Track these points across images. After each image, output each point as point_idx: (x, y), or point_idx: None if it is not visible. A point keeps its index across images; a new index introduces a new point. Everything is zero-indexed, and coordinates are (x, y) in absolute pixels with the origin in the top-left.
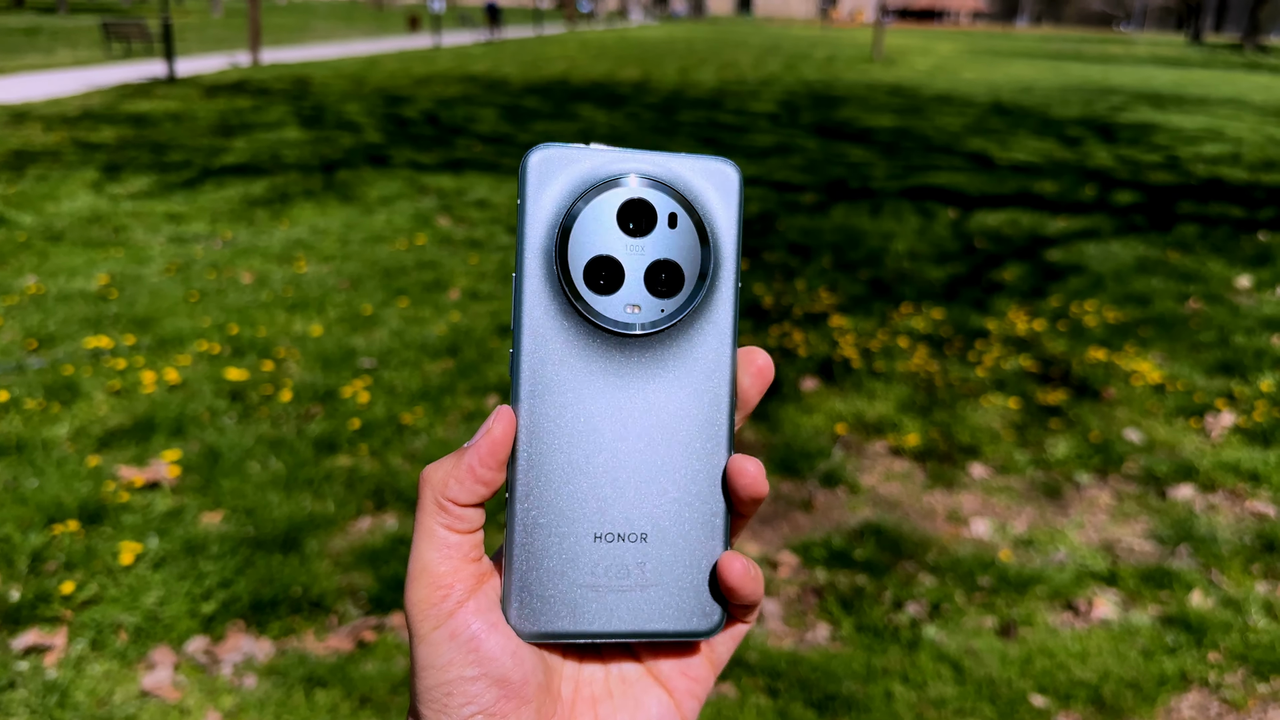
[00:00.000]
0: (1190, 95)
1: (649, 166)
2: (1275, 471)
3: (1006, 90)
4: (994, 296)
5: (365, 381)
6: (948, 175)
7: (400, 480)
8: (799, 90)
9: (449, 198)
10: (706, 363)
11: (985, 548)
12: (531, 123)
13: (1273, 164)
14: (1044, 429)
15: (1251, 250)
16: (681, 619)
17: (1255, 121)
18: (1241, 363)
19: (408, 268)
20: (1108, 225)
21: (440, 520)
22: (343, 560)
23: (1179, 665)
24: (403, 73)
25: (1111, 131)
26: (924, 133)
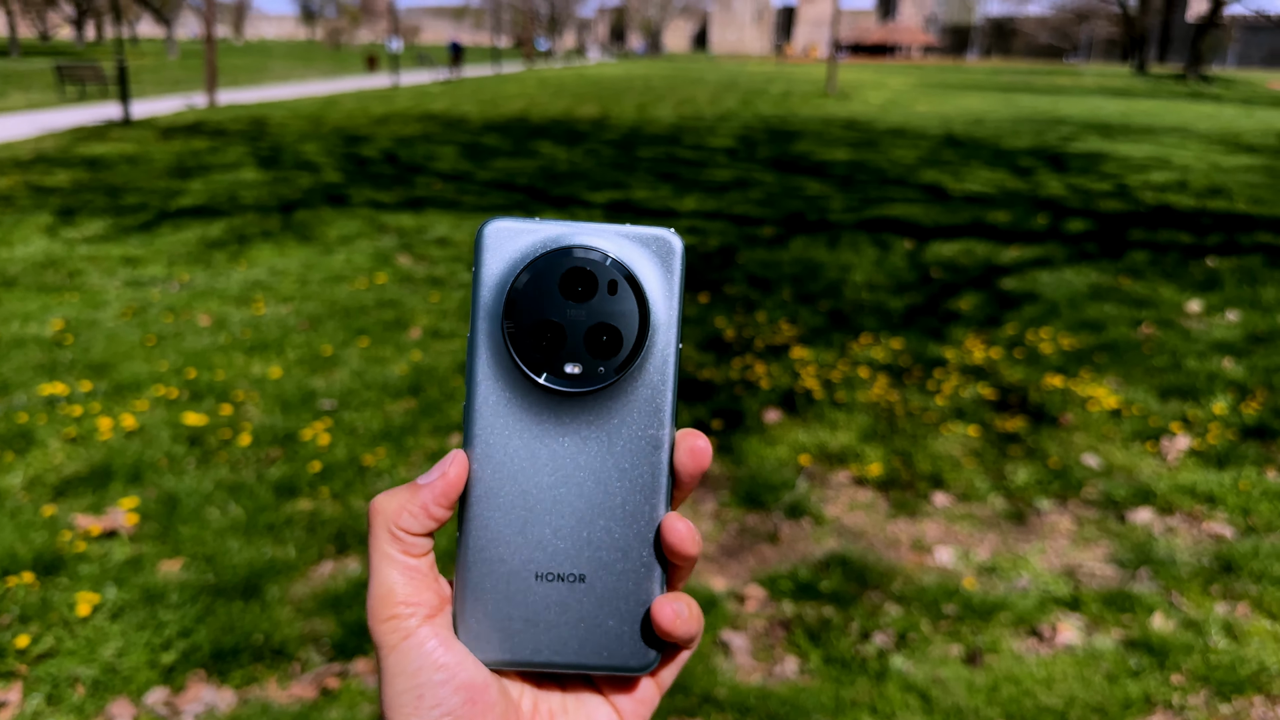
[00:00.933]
0: (1137, 125)
1: (591, 237)
2: (1231, 493)
3: (959, 122)
4: (951, 325)
5: (326, 423)
6: (903, 207)
7: (362, 523)
8: (756, 125)
9: (409, 236)
10: (644, 419)
11: (949, 576)
12: (491, 160)
13: (1218, 191)
14: (1004, 456)
15: (1201, 275)
16: (617, 656)
17: (1200, 149)
18: (1195, 386)
19: (368, 307)
20: (1060, 253)
21: (395, 548)
22: (305, 606)
23: (1143, 688)
24: (361, 112)
25: (1062, 161)
26: (879, 165)
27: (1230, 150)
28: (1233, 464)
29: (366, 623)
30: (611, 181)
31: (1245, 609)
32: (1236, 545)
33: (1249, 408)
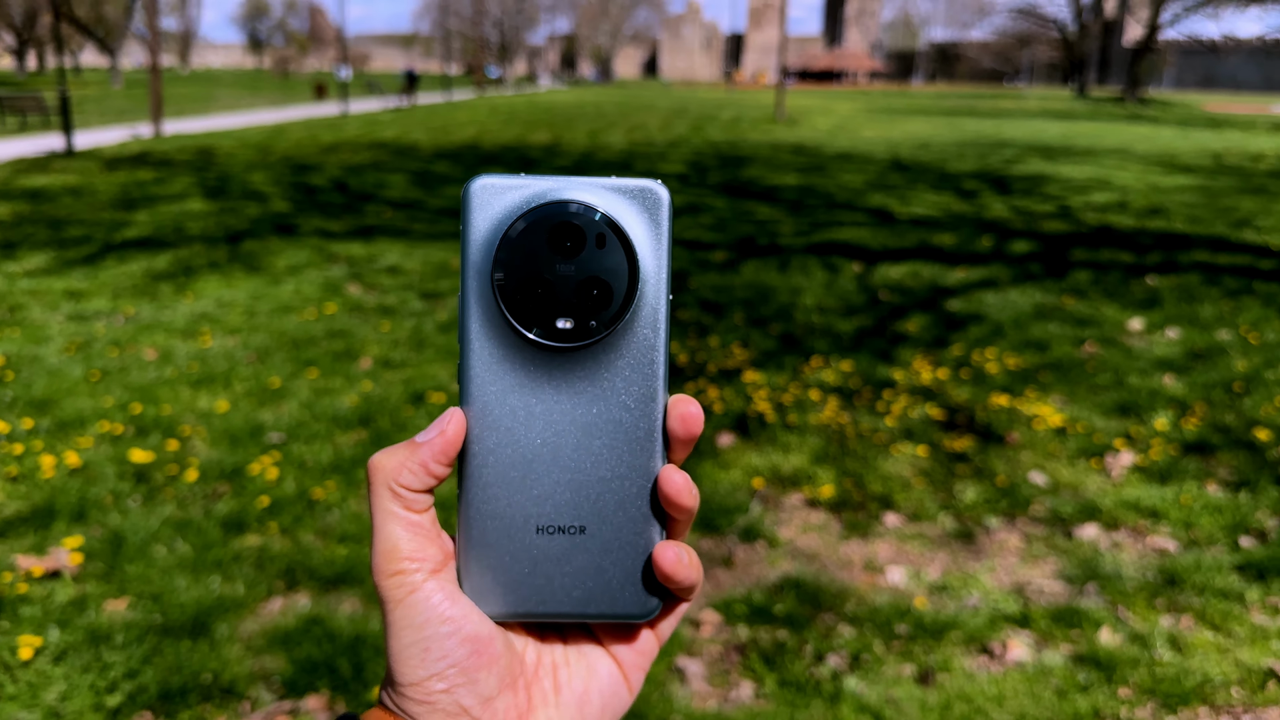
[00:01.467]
0: (1078, 147)
1: (578, 191)
2: (1173, 508)
3: (905, 147)
4: (899, 347)
5: (274, 457)
6: (851, 230)
7: (313, 558)
8: (706, 151)
9: (359, 265)
10: (637, 373)
11: (901, 595)
12: (442, 188)
13: (1157, 211)
14: (952, 475)
15: (1142, 294)
16: (619, 605)
17: (1140, 170)
18: (1137, 403)
19: (317, 337)
20: (1005, 274)
21: (396, 504)
22: (254, 643)
23: (1092, 703)
24: (310, 141)
25: (1006, 184)
26: (827, 190)
27: (1168, 171)
28: (1175, 479)
29: (372, 579)
30: None
31: (1189, 621)
32: (1179, 559)
33: (1189, 423)
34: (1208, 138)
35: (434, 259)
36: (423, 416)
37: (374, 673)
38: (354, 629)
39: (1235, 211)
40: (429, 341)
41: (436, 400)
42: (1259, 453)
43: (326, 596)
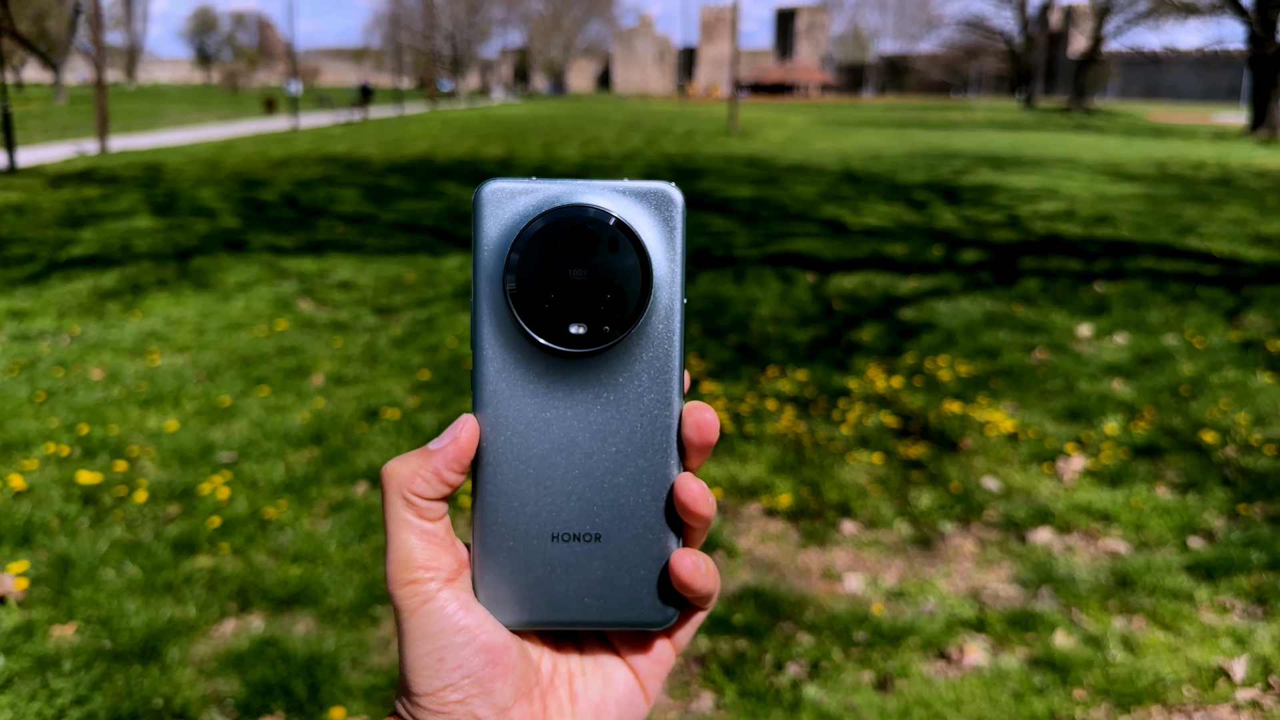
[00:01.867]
0: (1026, 156)
1: (590, 195)
2: (1124, 510)
3: (856, 158)
4: (854, 356)
5: (225, 476)
6: (805, 241)
7: (265, 578)
8: (661, 163)
9: (310, 280)
10: (651, 378)
11: (859, 603)
12: (395, 202)
13: (1104, 219)
14: (908, 482)
15: (1090, 301)
16: (635, 613)
17: (1086, 179)
18: (1087, 408)
19: (268, 354)
20: (956, 283)
21: (410, 513)
22: (207, 667)
23: (1048, 705)
24: (259, 155)
25: (955, 194)
26: (781, 201)
27: (1114, 180)
28: (1125, 482)
29: (386, 588)
30: None
31: (1141, 622)
32: (1131, 561)
33: (1139, 427)
34: (1152, 147)
35: (387, 273)
36: (377, 433)
37: (329, 693)
38: (309, 649)
39: (1179, 219)
40: (383, 357)
41: (391, 416)
42: (1206, 455)
43: (280, 617)
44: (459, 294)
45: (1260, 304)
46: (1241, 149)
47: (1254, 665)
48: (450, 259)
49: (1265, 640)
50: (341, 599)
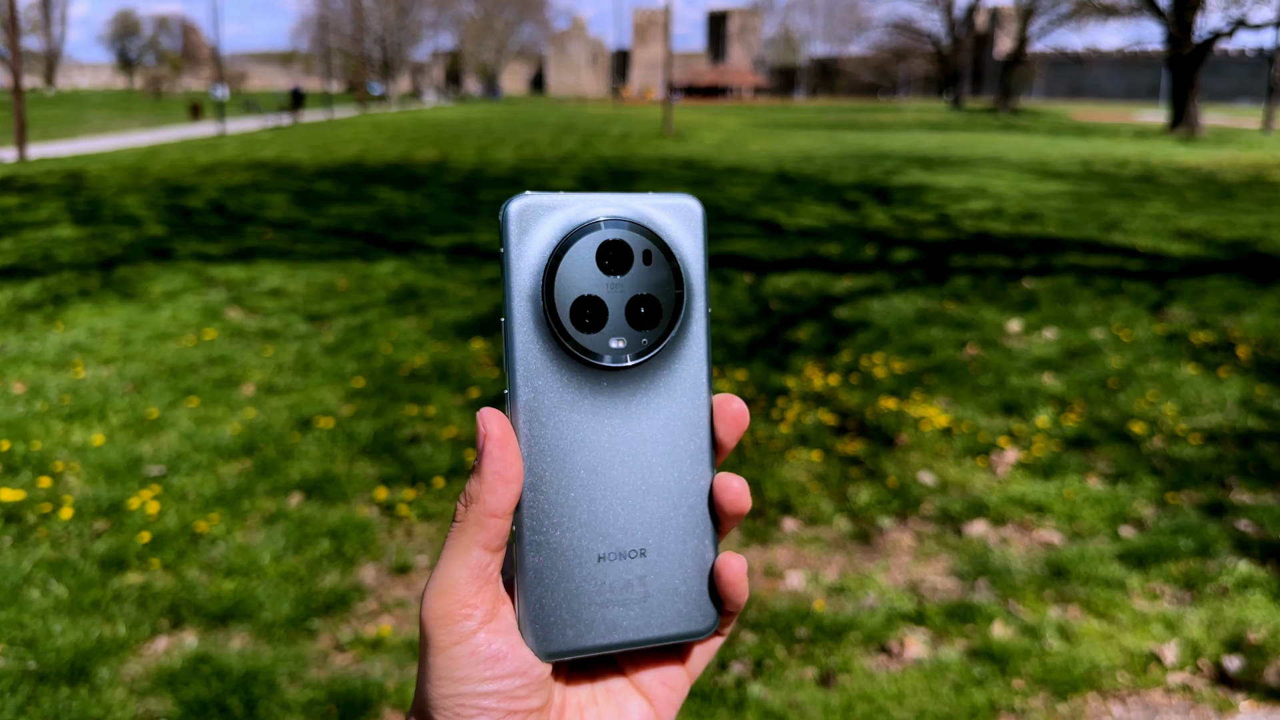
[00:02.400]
0: (955, 156)
1: (620, 209)
2: (1057, 501)
3: (790, 160)
4: (791, 355)
5: (154, 490)
6: (742, 243)
7: (198, 594)
8: (597, 166)
9: (239, 288)
10: (686, 387)
11: (801, 599)
12: (326, 207)
13: (1032, 216)
14: (846, 478)
15: (1019, 297)
16: (682, 623)
17: (1013, 178)
18: (1018, 402)
19: (197, 365)
20: (889, 282)
21: (480, 538)
22: (139, 686)
23: (988, 696)
24: (186, 162)
25: (887, 194)
26: (717, 203)
27: (1040, 178)
28: (1057, 474)
29: (420, 612)
30: (454, 225)
31: (1076, 611)
32: (1065, 551)
33: (1069, 419)
34: (1076, 145)
35: (318, 280)
36: (310, 443)
37: (267, 710)
38: (245, 665)
39: (1104, 215)
40: (315, 365)
41: (324, 425)
42: (1135, 445)
43: (214, 633)
44: (393, 299)
45: (1183, 297)
46: (1162, 146)
47: (1184, 649)
48: (384, 264)
49: (1194, 625)
50: (277, 613)
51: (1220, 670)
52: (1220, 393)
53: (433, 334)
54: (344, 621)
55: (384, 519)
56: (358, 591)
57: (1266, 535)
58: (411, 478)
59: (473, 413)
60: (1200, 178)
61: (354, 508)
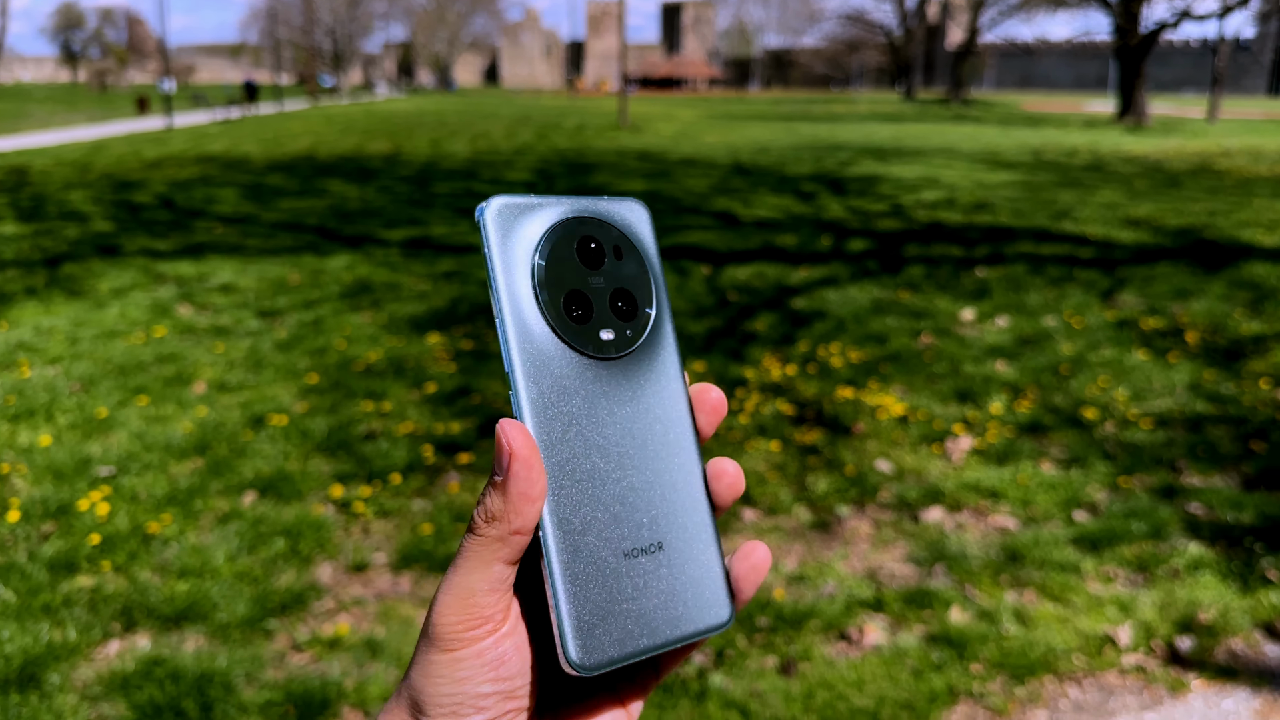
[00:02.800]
0: (908, 147)
1: (588, 208)
2: (1011, 487)
3: (745, 151)
4: (749, 346)
5: (104, 491)
6: (698, 234)
7: (151, 596)
8: (553, 158)
9: (189, 285)
10: (667, 377)
11: (761, 589)
12: (277, 201)
13: (983, 206)
14: (805, 468)
15: (972, 286)
16: (706, 616)
17: (966, 168)
18: (972, 389)
19: (146, 363)
20: (844, 272)
21: (502, 554)
22: (91, 691)
23: (946, 681)
24: (133, 156)
25: (841, 185)
26: (674, 195)
27: (992, 168)
28: (1011, 460)
29: (431, 611)
30: (408, 218)
31: (1032, 595)
32: (1019, 536)
33: (1022, 406)
34: (1027, 135)
35: (270, 275)
36: (264, 441)
37: (224, 712)
38: (200, 667)
39: (1055, 204)
40: (268, 361)
41: (278, 423)
42: (1087, 430)
43: (168, 635)
44: (346, 294)
45: (1133, 284)
46: (1111, 136)
47: (1138, 631)
48: (337, 258)
49: (1147, 606)
50: (233, 614)
51: (1173, 650)
52: (1170, 378)
53: (388, 329)
54: (301, 621)
55: (340, 517)
56: (314, 590)
57: (1216, 517)
58: (368, 475)
59: (429, 408)
60: (1148, 166)
61: (309, 506)
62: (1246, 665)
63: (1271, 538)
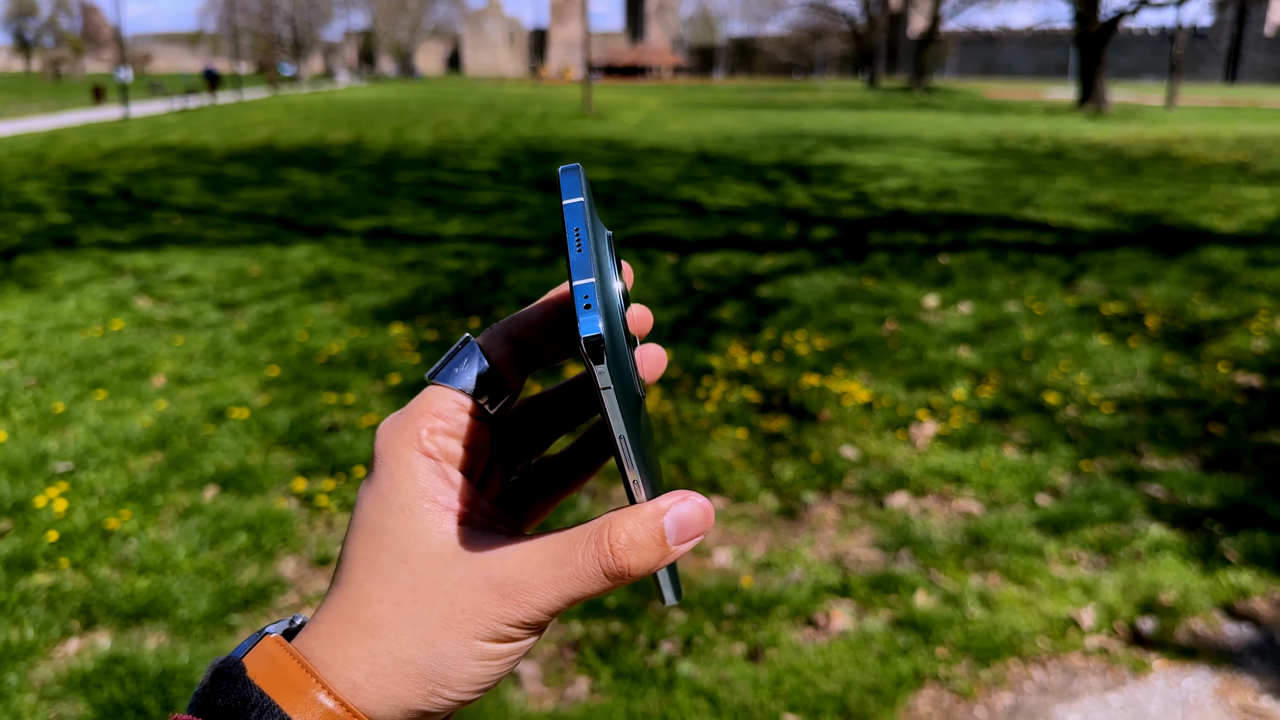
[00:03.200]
0: (872, 135)
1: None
2: (975, 472)
3: (710, 140)
4: (715, 334)
5: (61, 487)
6: (664, 223)
7: (110, 593)
8: (517, 147)
9: (147, 277)
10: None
11: (729, 576)
12: (237, 191)
13: (946, 193)
14: (771, 455)
15: (935, 272)
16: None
17: (929, 156)
18: (936, 375)
19: (104, 356)
20: (809, 260)
21: (593, 591)
22: (50, 690)
23: (912, 665)
24: (88, 146)
25: (806, 173)
26: (639, 183)
27: (954, 155)
28: (975, 445)
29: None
30: (369, 208)
31: (996, 579)
32: (983, 520)
33: (985, 392)
34: (989, 122)
35: (230, 266)
36: (225, 434)
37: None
38: (161, 664)
39: (1017, 191)
40: (228, 354)
41: (239, 416)
42: (1049, 415)
43: (128, 633)
44: (308, 285)
45: (1094, 270)
46: (1072, 123)
47: (1101, 613)
48: (298, 249)
49: (1110, 588)
50: (194, 609)
51: (1135, 632)
52: (1130, 362)
53: (350, 320)
54: (264, 616)
55: (303, 510)
56: (278, 585)
57: (1177, 499)
58: (331, 468)
59: (393, 400)
60: (1108, 153)
61: (271, 500)
62: (1206, 645)
63: (1230, 519)
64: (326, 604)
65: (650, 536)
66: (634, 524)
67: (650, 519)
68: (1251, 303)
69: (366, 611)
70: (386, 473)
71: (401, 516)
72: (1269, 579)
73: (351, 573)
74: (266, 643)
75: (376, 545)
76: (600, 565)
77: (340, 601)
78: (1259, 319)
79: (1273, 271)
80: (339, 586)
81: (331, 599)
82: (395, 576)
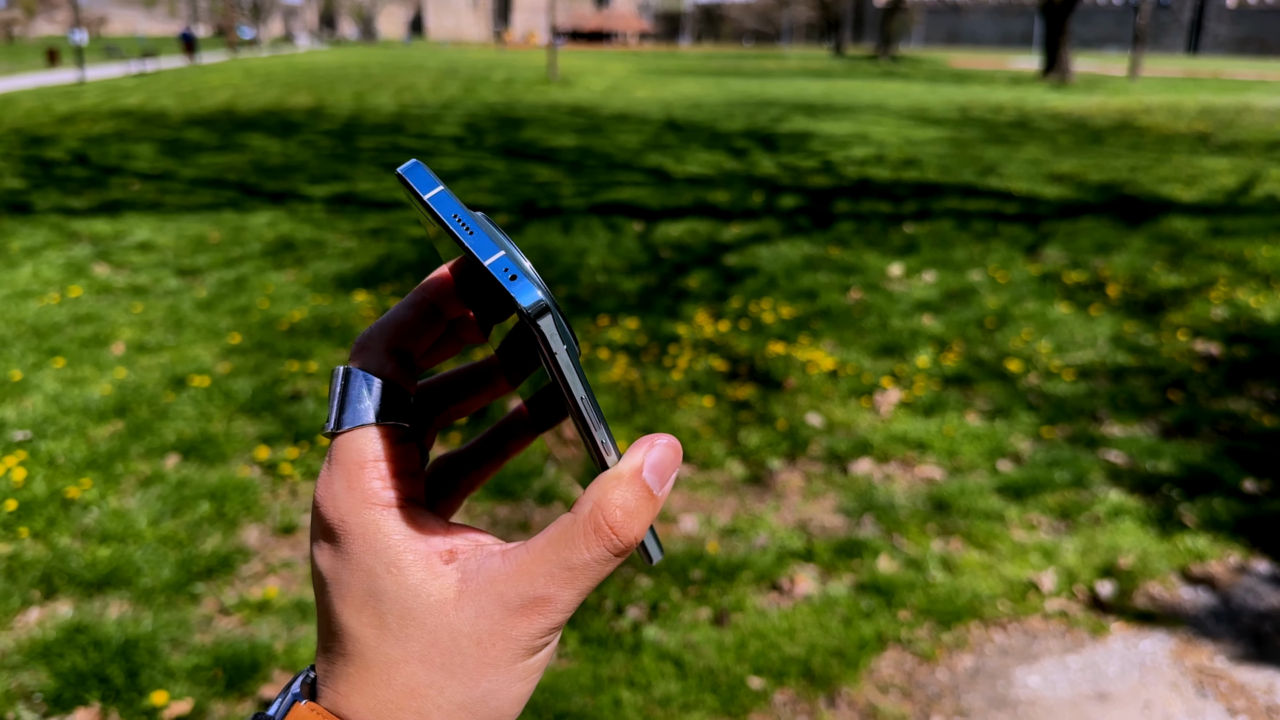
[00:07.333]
0: (838, 104)
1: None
2: (938, 438)
3: (677, 107)
4: (682, 303)
5: (20, 456)
6: (631, 190)
7: (71, 562)
8: (481, 113)
9: (105, 243)
10: None
11: (695, 542)
12: (196, 156)
13: (912, 162)
14: (738, 423)
15: (900, 241)
16: None
17: (894, 125)
18: (900, 344)
19: (61, 324)
20: (776, 228)
21: (601, 576)
22: (10, 661)
23: (875, 628)
24: (43, 110)
25: (773, 141)
26: (606, 151)
27: (920, 124)
28: (938, 412)
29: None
30: (331, 173)
31: (958, 544)
32: (945, 485)
33: (948, 359)
34: (954, 92)
35: (190, 232)
36: (185, 402)
37: (150, 677)
38: (124, 633)
39: (981, 160)
40: (188, 321)
41: (200, 384)
42: (1011, 382)
43: (91, 601)
44: (269, 252)
45: (1057, 239)
46: (1036, 92)
47: (1060, 577)
48: (259, 215)
49: (1069, 553)
50: (157, 578)
51: (1094, 596)
52: (1092, 330)
53: (312, 287)
54: (228, 584)
55: (266, 479)
56: (241, 553)
57: (1136, 466)
58: (294, 436)
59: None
60: (1072, 123)
61: (234, 468)
62: (1164, 608)
63: (1188, 485)
64: (343, 679)
65: (639, 498)
66: (620, 493)
67: (633, 480)
68: (1211, 271)
69: (396, 677)
70: (355, 539)
71: (390, 576)
72: (1225, 544)
73: (358, 643)
74: (300, 710)
75: (375, 611)
76: (607, 549)
77: (361, 674)
78: (1219, 288)
79: (1232, 241)
80: (350, 660)
81: (346, 674)
82: (410, 635)
